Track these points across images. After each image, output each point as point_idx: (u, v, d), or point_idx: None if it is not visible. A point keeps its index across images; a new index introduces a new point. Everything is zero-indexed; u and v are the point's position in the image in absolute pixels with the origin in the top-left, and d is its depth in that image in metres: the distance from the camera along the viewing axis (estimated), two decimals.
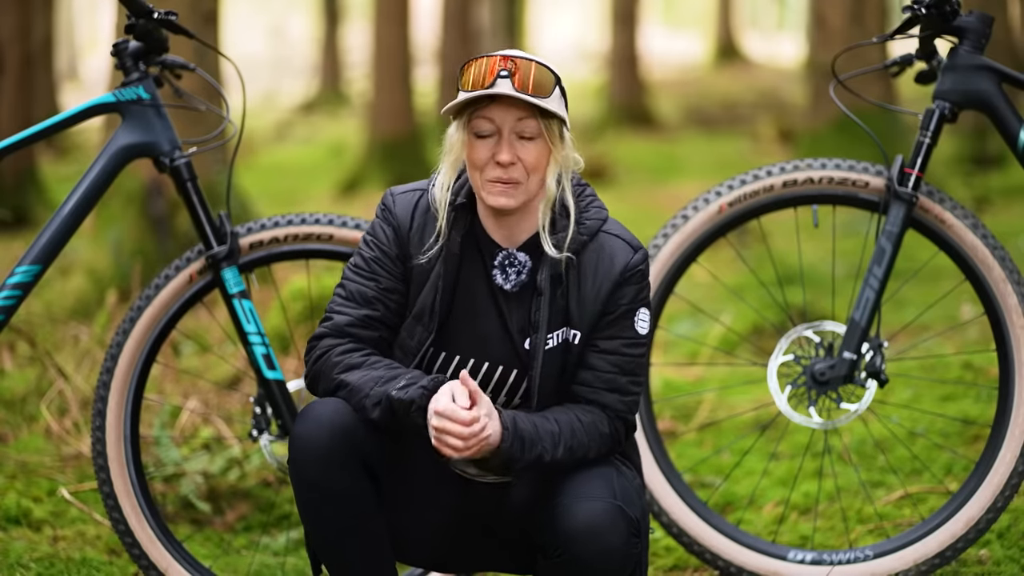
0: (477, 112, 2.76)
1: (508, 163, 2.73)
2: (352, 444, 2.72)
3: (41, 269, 3.37)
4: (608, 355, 2.82)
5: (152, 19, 3.39)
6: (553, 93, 2.74)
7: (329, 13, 22.80)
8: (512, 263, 2.83)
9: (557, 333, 2.82)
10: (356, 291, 2.86)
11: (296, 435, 2.75)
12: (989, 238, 3.47)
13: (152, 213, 6.22)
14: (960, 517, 3.44)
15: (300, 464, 2.73)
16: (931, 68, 3.57)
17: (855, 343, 3.44)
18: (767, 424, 4.68)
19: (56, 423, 4.57)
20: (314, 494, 2.73)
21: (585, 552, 2.67)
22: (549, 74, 2.74)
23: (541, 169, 2.77)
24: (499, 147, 2.74)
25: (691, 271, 3.70)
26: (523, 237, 2.84)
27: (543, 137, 2.75)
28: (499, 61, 2.73)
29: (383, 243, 2.87)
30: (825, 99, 9.68)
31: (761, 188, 3.54)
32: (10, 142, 3.41)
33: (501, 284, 2.83)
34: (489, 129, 2.75)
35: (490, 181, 2.76)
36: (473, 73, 2.74)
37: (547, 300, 2.79)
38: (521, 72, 2.72)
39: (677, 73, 26.29)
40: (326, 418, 2.73)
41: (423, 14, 20.29)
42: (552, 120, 2.76)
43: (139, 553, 3.42)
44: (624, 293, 2.82)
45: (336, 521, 2.74)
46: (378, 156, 12.68)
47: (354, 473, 2.73)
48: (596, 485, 2.72)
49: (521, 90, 2.71)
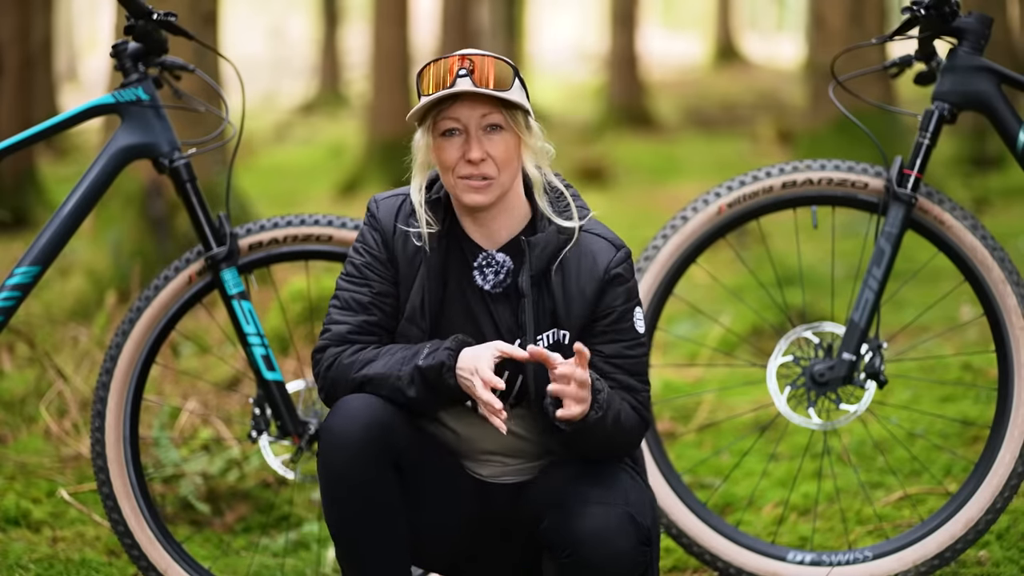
0: (442, 114, 2.78)
1: (479, 159, 2.75)
2: (386, 440, 2.73)
3: (40, 270, 3.37)
4: (614, 359, 2.83)
5: (151, 20, 3.39)
6: (513, 84, 2.76)
7: (328, 14, 22.80)
8: (491, 263, 2.85)
9: (548, 334, 2.82)
10: (351, 299, 2.87)
11: (329, 428, 2.74)
12: (988, 239, 3.47)
13: (151, 214, 6.22)
14: (959, 518, 3.44)
15: (332, 457, 2.72)
16: (930, 69, 3.57)
17: (854, 344, 3.44)
18: (766, 425, 4.68)
19: (55, 424, 4.57)
20: (342, 487, 2.72)
21: (594, 556, 2.67)
22: (507, 67, 2.77)
23: (512, 162, 2.79)
24: (468, 145, 2.76)
25: (690, 272, 3.70)
26: (504, 237, 2.86)
27: (511, 129, 2.78)
28: (456, 61, 2.75)
29: (372, 248, 2.89)
30: (824, 100, 9.68)
31: (760, 189, 3.54)
32: (10, 143, 3.41)
33: (481, 285, 2.85)
34: (455, 128, 2.77)
35: (462, 178, 2.77)
36: (432, 76, 2.76)
37: (531, 302, 2.80)
38: (479, 68, 2.74)
39: (676, 74, 26.29)
40: (361, 413, 2.73)
41: (422, 15, 20.30)
42: (516, 111, 2.78)
43: (138, 554, 3.41)
44: (616, 295, 2.83)
45: (361, 516, 2.73)
46: (377, 157, 12.68)
47: (385, 469, 2.73)
48: (609, 491, 2.73)
49: (482, 86, 2.73)
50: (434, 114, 2.79)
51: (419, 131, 2.85)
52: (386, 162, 12.52)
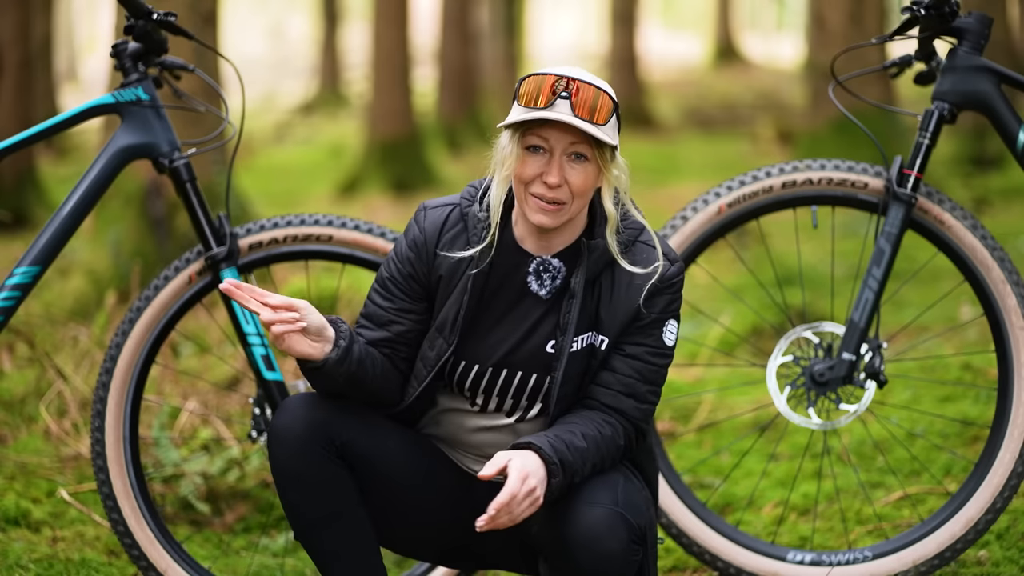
0: (532, 129, 2.74)
1: (556, 184, 2.72)
2: (326, 435, 2.77)
3: (40, 270, 3.37)
4: (632, 360, 2.82)
5: (151, 20, 3.39)
6: (610, 121, 2.72)
7: (328, 14, 22.79)
8: (547, 269, 2.83)
9: (583, 337, 2.82)
10: (373, 312, 2.90)
11: (272, 427, 2.80)
12: (988, 239, 3.47)
13: (151, 214, 6.22)
14: (959, 518, 3.44)
15: (276, 455, 2.79)
16: (930, 69, 3.57)
17: (854, 344, 3.44)
18: (766, 425, 4.68)
19: (55, 424, 4.57)
20: (290, 485, 2.78)
21: (584, 556, 2.67)
22: (608, 100, 2.72)
23: (588, 192, 2.76)
24: (549, 167, 2.73)
25: (690, 272, 3.70)
26: (557, 246, 2.84)
27: (595, 161, 2.74)
28: (561, 81, 2.70)
29: (402, 263, 2.88)
30: (824, 100, 9.68)
31: (760, 189, 3.54)
32: (10, 143, 3.41)
33: (536, 290, 2.83)
34: (541, 147, 2.74)
35: (534, 196, 2.75)
36: (531, 88, 2.71)
37: (579, 303, 2.79)
38: (581, 95, 2.70)
39: (676, 74, 26.30)
40: (300, 410, 2.79)
41: (422, 15, 20.31)
42: (605, 145, 2.74)
43: (138, 554, 3.42)
44: (656, 302, 2.82)
45: (312, 512, 2.78)
46: (377, 157, 12.68)
47: (329, 464, 2.77)
48: (600, 491, 2.72)
49: (579, 114, 2.69)
50: (524, 127, 2.75)
51: (505, 135, 2.79)
52: (386, 162, 12.52)
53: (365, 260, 3.51)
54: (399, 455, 2.87)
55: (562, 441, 2.70)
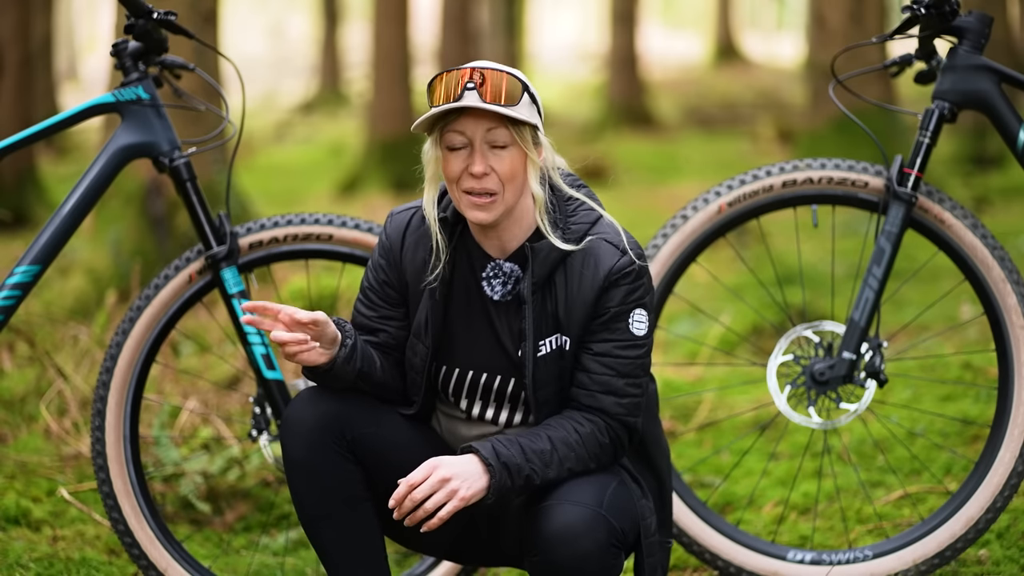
0: (448, 126, 2.77)
1: (481, 174, 2.75)
2: (338, 429, 2.78)
3: (40, 269, 3.37)
4: (602, 357, 2.81)
5: (151, 19, 3.39)
6: (522, 100, 2.75)
7: (328, 13, 22.79)
8: (498, 274, 2.85)
9: (550, 340, 2.82)
10: (360, 322, 2.94)
11: (285, 417, 2.83)
12: (988, 238, 3.47)
13: (151, 213, 6.22)
14: (959, 517, 3.44)
15: (287, 446, 2.80)
16: (930, 68, 3.57)
17: (854, 343, 3.44)
18: (766, 424, 4.68)
19: (55, 423, 4.57)
20: (299, 475, 2.78)
21: (557, 555, 2.66)
22: (516, 82, 2.75)
23: (517, 178, 2.77)
24: (472, 158, 2.76)
25: (690, 271, 3.71)
26: (514, 245, 2.85)
27: (516, 145, 2.76)
28: (466, 74, 2.74)
29: (376, 270, 2.93)
30: (824, 99, 9.69)
31: (760, 188, 3.54)
32: (10, 142, 3.41)
33: (489, 295, 2.85)
34: (461, 142, 2.76)
35: (465, 192, 2.77)
36: (442, 87, 2.75)
37: (531, 308, 2.80)
38: (488, 83, 2.73)
39: (676, 73, 26.29)
40: (313, 402, 2.81)
41: (422, 14, 20.30)
42: (524, 127, 2.76)
43: (138, 553, 3.42)
44: (612, 295, 2.80)
45: (319, 503, 2.79)
46: (377, 156, 12.67)
47: (339, 457, 2.78)
48: (584, 491, 2.72)
49: (489, 101, 2.72)
50: (441, 126, 2.79)
51: (428, 142, 2.84)
52: (386, 161, 12.52)
53: (365, 259, 3.51)
54: (410, 451, 2.87)
55: (515, 443, 2.71)
